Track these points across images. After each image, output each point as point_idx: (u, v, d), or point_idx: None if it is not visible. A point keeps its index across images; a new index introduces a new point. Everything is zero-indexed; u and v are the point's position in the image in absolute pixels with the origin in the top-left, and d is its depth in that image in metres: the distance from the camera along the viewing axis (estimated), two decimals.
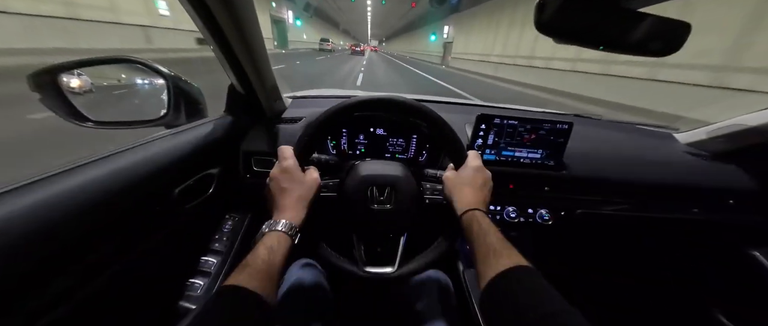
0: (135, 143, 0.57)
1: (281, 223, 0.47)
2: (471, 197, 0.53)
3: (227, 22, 0.56)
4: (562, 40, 0.48)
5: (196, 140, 0.66)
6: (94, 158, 0.49)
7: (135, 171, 0.51)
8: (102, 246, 0.45)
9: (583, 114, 1.12)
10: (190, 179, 0.62)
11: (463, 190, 0.55)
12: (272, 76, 0.79)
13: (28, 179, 0.41)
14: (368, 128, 0.86)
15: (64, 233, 0.40)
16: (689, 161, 0.89)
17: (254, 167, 0.79)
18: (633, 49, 0.48)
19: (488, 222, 0.48)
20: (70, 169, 0.45)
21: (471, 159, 0.58)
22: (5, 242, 0.34)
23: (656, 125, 1.11)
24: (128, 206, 0.49)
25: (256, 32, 0.64)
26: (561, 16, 0.44)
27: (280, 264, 0.43)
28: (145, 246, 0.54)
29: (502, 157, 0.80)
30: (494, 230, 0.46)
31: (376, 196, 0.57)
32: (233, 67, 0.68)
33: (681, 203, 0.85)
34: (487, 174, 0.57)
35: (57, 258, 0.39)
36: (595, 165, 0.83)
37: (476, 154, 0.59)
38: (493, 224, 0.48)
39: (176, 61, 8.22)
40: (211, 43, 0.62)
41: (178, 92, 0.68)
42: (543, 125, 0.76)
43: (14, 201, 0.37)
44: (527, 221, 0.83)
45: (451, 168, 0.60)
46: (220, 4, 0.52)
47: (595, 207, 0.84)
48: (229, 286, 0.36)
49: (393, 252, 0.59)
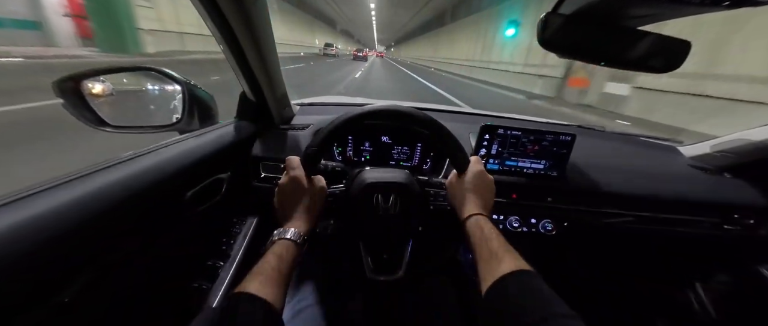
0: (150, 148, 0.59)
1: (290, 232, 0.48)
2: (474, 202, 0.54)
3: (242, 31, 0.59)
4: (565, 56, 0.50)
5: (207, 144, 0.68)
6: (112, 162, 0.51)
7: (150, 175, 0.53)
8: (117, 248, 0.47)
9: (586, 125, 1.13)
10: (202, 182, 0.64)
11: (465, 195, 0.55)
12: (282, 84, 0.82)
13: (49, 184, 0.42)
14: (374, 136, 0.88)
15: (77, 239, 0.41)
16: (694, 175, 0.90)
17: (262, 172, 0.81)
18: (634, 65, 0.49)
19: (491, 227, 0.48)
20: (88, 173, 0.47)
21: (473, 165, 0.58)
22: (21, 248, 0.35)
23: (660, 138, 1.11)
24: (144, 208, 0.51)
25: (270, 41, 0.66)
26: (563, 33, 0.46)
27: (288, 271, 0.44)
28: (158, 247, 0.55)
29: (505, 167, 0.81)
30: (497, 234, 0.47)
31: (381, 203, 0.58)
32: (245, 75, 0.71)
33: (686, 217, 0.84)
34: (489, 179, 0.58)
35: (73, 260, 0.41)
36: (598, 177, 0.84)
37: (478, 159, 0.60)
38: (495, 229, 0.48)
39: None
40: (225, 52, 0.65)
41: (192, 99, 0.71)
42: (546, 136, 0.77)
43: (31, 206, 0.38)
44: (530, 231, 0.84)
45: (454, 174, 0.61)
46: (236, 14, 0.55)
47: (599, 219, 0.84)
48: (243, 293, 0.38)
49: (399, 258, 0.60)
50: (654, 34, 0.46)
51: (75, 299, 0.41)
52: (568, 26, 0.46)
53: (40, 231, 0.37)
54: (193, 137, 0.68)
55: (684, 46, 0.46)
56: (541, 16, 0.45)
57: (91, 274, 0.43)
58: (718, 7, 0.34)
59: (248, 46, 0.61)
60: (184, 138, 0.66)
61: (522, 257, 0.43)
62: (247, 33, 0.59)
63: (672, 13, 0.42)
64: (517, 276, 0.39)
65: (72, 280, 0.40)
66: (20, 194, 0.39)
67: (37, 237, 0.36)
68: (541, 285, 0.37)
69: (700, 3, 0.34)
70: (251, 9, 0.56)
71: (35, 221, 0.37)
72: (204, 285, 0.67)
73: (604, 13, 0.44)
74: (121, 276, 0.48)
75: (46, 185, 0.42)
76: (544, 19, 0.45)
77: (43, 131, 2.71)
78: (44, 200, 0.39)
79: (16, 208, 0.37)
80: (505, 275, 0.39)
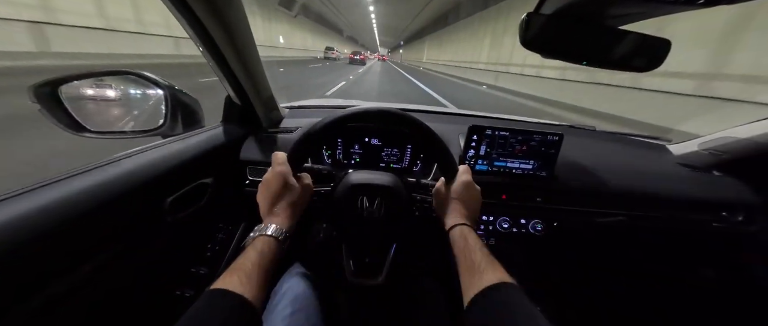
0: (130, 152, 0.57)
1: (271, 228, 0.47)
2: (459, 212, 0.54)
3: (220, 35, 0.58)
4: (547, 56, 0.50)
5: (191, 148, 0.67)
6: (91, 166, 0.50)
7: (130, 179, 0.52)
8: (94, 254, 0.46)
9: (576, 125, 1.13)
10: (185, 187, 0.63)
11: (452, 204, 0.55)
12: (268, 86, 0.81)
13: (29, 187, 0.41)
14: (363, 138, 0.87)
15: (56, 242, 0.40)
16: (682, 173, 0.90)
17: (249, 176, 0.80)
18: (616, 65, 0.49)
19: (475, 238, 0.49)
20: (66, 177, 0.46)
21: (461, 174, 0.58)
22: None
23: (649, 137, 1.12)
24: (122, 213, 0.50)
25: (250, 44, 0.65)
26: (544, 34, 0.45)
27: (268, 267, 0.43)
28: (137, 253, 0.54)
29: (494, 167, 0.81)
30: (480, 245, 0.47)
31: (367, 205, 0.58)
32: (228, 78, 0.70)
33: (675, 214, 0.85)
34: (476, 190, 0.58)
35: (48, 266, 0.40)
36: (588, 176, 0.84)
37: (467, 169, 0.60)
38: (479, 240, 0.48)
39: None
40: (205, 55, 0.64)
41: (176, 103, 0.70)
42: (533, 136, 0.77)
43: (11, 208, 0.37)
44: (520, 231, 0.84)
45: (442, 182, 0.61)
46: (211, 18, 0.54)
47: (589, 218, 0.84)
48: (217, 289, 0.37)
49: (381, 262, 0.59)
50: (635, 33, 0.46)
51: (48, 306, 0.40)
52: (550, 26, 0.45)
53: (14, 235, 0.36)
54: (176, 141, 0.67)
55: (665, 44, 0.46)
56: (523, 16, 0.45)
57: (66, 281, 0.42)
58: (693, 6, 0.34)
59: (228, 50, 0.60)
60: (167, 142, 0.65)
61: (504, 266, 0.43)
62: (226, 37, 0.58)
63: (651, 12, 0.42)
64: (499, 288, 0.39)
65: (45, 287, 0.39)
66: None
67: (12, 241, 0.35)
68: (522, 300, 0.37)
69: (676, 2, 0.34)
70: (228, 12, 0.55)
71: (8, 225, 0.36)
72: (187, 292, 0.66)
73: (585, 13, 0.44)
74: (97, 283, 0.47)
75: (21, 189, 0.41)
76: (525, 19, 0.45)
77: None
78: (18, 204, 0.38)
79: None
80: (486, 288, 0.39)
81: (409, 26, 54.70)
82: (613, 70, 0.49)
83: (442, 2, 23.16)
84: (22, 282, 0.36)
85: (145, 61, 8.31)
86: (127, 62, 7.66)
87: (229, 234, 0.81)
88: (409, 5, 36.10)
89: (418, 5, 31.46)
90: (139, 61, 8.17)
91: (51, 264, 0.40)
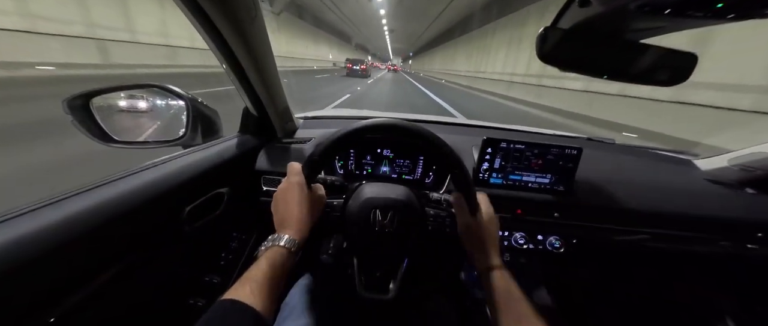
0: (151, 163, 0.60)
1: (284, 239, 0.47)
2: (490, 251, 0.54)
3: (240, 49, 0.60)
4: (566, 69, 0.49)
5: (208, 159, 0.69)
6: (113, 178, 0.52)
7: (150, 190, 0.54)
8: (112, 264, 0.47)
9: (594, 137, 1.10)
10: (202, 197, 0.64)
11: (485, 242, 0.55)
12: (284, 98, 0.83)
13: (49, 200, 0.43)
14: (375, 149, 0.87)
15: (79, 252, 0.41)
16: (711, 190, 0.85)
17: (263, 186, 0.81)
18: (638, 79, 0.47)
19: (516, 286, 0.50)
20: (89, 188, 0.48)
21: (485, 205, 0.58)
22: (22, 259, 0.36)
23: (674, 151, 1.07)
24: (142, 223, 0.51)
25: (269, 57, 0.68)
26: (561, 48, 0.45)
27: (280, 278, 0.43)
28: (155, 263, 0.55)
29: (509, 181, 0.79)
30: (522, 295, 0.48)
31: (379, 219, 0.57)
32: (247, 91, 0.72)
33: (705, 234, 0.80)
34: (497, 221, 0.59)
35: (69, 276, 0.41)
36: (609, 191, 0.80)
37: (486, 199, 0.60)
38: (519, 288, 0.49)
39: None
40: (226, 69, 0.67)
41: (196, 115, 0.73)
42: (551, 149, 0.75)
43: (31, 221, 0.39)
44: (537, 248, 0.81)
45: (467, 218, 0.58)
46: (233, 32, 0.56)
47: (610, 236, 0.80)
48: (229, 300, 0.37)
49: (392, 277, 0.58)
50: (658, 47, 0.44)
51: (68, 315, 0.41)
52: (568, 40, 0.45)
53: (39, 244, 0.37)
54: (195, 151, 0.69)
55: (690, 59, 0.45)
56: (540, 31, 0.44)
57: (85, 290, 0.43)
58: (721, 19, 0.32)
59: (247, 62, 0.63)
60: (187, 153, 0.67)
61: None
62: (245, 50, 0.60)
63: (674, 26, 0.40)
64: None
65: (65, 296, 0.40)
66: (22, 209, 0.40)
67: (35, 250, 0.37)
68: None
69: (703, 16, 0.33)
70: (249, 28, 0.57)
71: (34, 235, 0.37)
72: (199, 301, 0.66)
73: (603, 28, 0.43)
74: (115, 292, 0.48)
75: (47, 200, 0.42)
76: (542, 34, 0.44)
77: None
78: (45, 215, 0.40)
79: (17, 223, 0.38)
80: None
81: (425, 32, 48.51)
82: (635, 84, 0.48)
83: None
84: (44, 290, 0.38)
85: (195, 71, 10.37)
86: (184, 72, 9.90)
87: (242, 243, 0.82)
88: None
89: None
90: (190, 70, 10.37)
91: (73, 273, 0.41)
